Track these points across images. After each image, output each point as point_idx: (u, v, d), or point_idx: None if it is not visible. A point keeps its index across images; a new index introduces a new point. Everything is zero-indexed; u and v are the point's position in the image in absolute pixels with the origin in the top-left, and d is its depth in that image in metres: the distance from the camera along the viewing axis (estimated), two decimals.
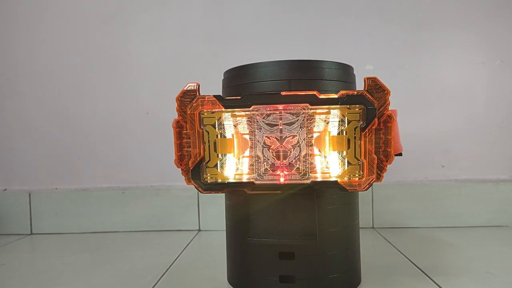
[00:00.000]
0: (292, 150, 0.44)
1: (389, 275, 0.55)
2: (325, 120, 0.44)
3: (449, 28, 0.84)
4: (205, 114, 0.44)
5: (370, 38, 0.85)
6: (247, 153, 0.45)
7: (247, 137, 0.45)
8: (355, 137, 0.42)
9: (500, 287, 0.50)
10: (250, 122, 0.44)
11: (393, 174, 0.85)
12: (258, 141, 0.45)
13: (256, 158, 0.45)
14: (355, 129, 0.42)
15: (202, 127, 0.44)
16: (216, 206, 0.86)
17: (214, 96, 0.43)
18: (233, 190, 0.45)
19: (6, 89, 0.90)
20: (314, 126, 0.44)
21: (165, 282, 0.55)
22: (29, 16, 0.89)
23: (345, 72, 0.49)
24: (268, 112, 0.44)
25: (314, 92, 0.42)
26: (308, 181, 0.44)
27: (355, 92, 0.41)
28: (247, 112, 0.44)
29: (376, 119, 0.41)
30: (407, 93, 0.85)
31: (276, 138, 0.44)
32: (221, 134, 0.44)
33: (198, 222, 0.87)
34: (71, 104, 0.89)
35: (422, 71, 0.85)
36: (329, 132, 0.44)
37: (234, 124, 0.45)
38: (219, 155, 0.45)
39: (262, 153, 0.45)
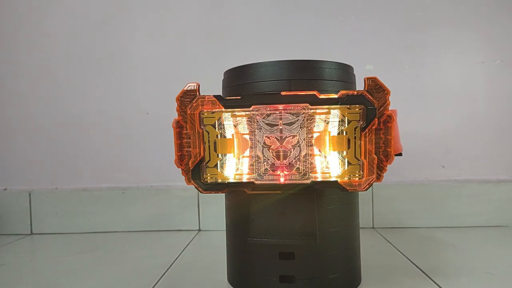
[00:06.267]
0: (292, 150, 0.44)
1: (389, 275, 0.55)
2: (325, 120, 0.44)
3: (449, 28, 0.84)
4: (205, 114, 0.44)
5: (370, 38, 0.85)
6: (247, 153, 0.45)
7: (247, 137, 0.45)
8: (355, 137, 0.42)
9: (500, 287, 0.50)
10: (250, 122, 0.44)
11: (393, 174, 0.85)
12: (258, 141, 0.45)
13: (256, 158, 0.45)
14: (355, 129, 0.42)
15: (202, 127, 0.44)
16: (216, 206, 0.86)
17: (214, 96, 0.43)
18: (233, 190, 0.45)
19: (6, 89, 0.90)
20: (314, 126, 0.44)
21: (165, 282, 0.55)
22: (30, 16, 0.89)
23: (345, 72, 0.49)
24: (268, 112, 0.44)
25: (314, 92, 0.42)
26: (308, 181, 0.44)
27: (355, 92, 0.41)
28: (247, 112, 0.44)
29: (376, 119, 0.41)
30: (407, 93, 0.85)
31: (276, 138, 0.44)
32: (221, 134, 0.44)
33: (198, 222, 0.87)
34: (71, 104, 0.89)
35: (422, 71, 0.85)
36: (329, 132, 0.44)
37: (234, 124, 0.45)
38: (219, 155, 0.45)
39: (262, 153, 0.45)
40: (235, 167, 0.46)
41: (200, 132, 0.44)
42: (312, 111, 0.43)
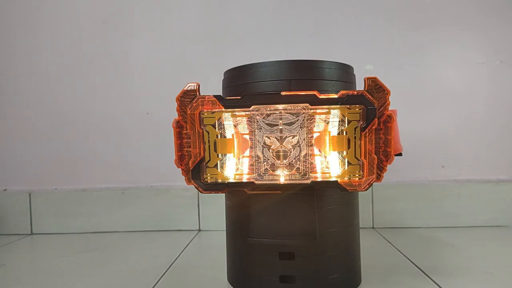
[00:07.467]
0: (292, 150, 0.44)
1: (389, 275, 0.55)
2: (325, 120, 0.44)
3: (449, 28, 0.84)
4: (205, 114, 0.44)
5: (370, 38, 0.85)
6: (247, 153, 0.45)
7: (247, 137, 0.45)
8: (355, 137, 0.42)
9: (500, 287, 0.50)
10: (250, 122, 0.44)
11: (393, 174, 0.85)
12: (258, 141, 0.45)
13: (256, 158, 0.45)
14: (355, 129, 0.42)
15: (202, 127, 0.44)
16: (216, 206, 0.86)
17: (214, 96, 0.43)
18: (233, 190, 0.46)
19: (6, 89, 0.90)
20: (314, 126, 0.44)
21: (165, 282, 0.55)
22: (29, 16, 0.89)
23: (345, 72, 0.49)
24: (268, 112, 0.44)
25: (314, 92, 0.42)
26: (308, 181, 0.44)
27: (355, 92, 0.41)
28: (247, 112, 0.44)
29: (376, 119, 0.41)
30: (407, 93, 0.85)
31: (276, 138, 0.44)
32: (221, 134, 0.44)
33: (198, 222, 0.87)
34: (71, 104, 0.89)
35: (422, 71, 0.85)
36: (329, 132, 0.44)
37: (234, 124, 0.45)
38: (219, 155, 0.45)
39: (262, 153, 0.45)
40: (235, 167, 0.46)
41: (200, 132, 0.44)
42: (312, 111, 0.43)
